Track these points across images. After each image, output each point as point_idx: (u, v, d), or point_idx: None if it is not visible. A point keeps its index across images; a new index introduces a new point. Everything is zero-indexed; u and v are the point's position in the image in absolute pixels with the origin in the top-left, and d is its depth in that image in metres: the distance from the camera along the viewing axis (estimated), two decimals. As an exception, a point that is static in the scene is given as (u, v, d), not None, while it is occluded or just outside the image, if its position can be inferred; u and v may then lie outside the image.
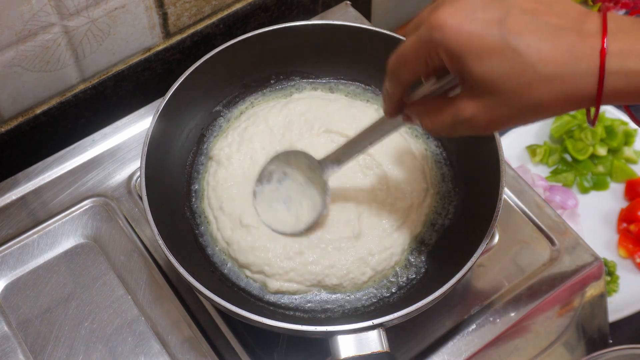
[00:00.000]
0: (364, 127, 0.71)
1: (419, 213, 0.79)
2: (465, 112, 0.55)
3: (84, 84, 0.96)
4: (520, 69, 0.51)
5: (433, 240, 0.79)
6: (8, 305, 0.80)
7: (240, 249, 0.76)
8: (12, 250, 0.83)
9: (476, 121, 0.55)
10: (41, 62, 0.88)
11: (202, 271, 0.75)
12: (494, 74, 0.51)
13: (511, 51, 0.50)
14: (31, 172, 0.89)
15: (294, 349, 0.77)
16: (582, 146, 1.19)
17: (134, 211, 0.86)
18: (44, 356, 0.77)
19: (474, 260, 0.68)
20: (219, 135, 0.85)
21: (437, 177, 0.82)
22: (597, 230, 1.13)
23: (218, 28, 1.03)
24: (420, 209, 0.79)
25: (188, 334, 0.78)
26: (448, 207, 0.80)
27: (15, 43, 0.83)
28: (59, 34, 0.86)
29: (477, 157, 0.78)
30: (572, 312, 0.86)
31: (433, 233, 0.79)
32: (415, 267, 0.77)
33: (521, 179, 0.90)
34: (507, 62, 0.51)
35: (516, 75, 0.51)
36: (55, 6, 0.83)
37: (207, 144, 0.85)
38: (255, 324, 0.66)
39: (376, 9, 1.26)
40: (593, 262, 0.84)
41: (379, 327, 0.66)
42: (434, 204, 0.81)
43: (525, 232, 0.86)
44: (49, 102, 0.94)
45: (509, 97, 0.52)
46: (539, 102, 0.52)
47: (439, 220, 0.80)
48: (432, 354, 0.78)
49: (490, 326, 0.80)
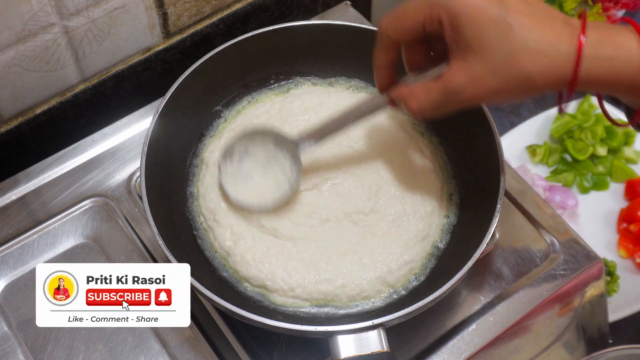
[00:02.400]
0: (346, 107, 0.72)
1: (440, 216, 0.78)
2: (454, 83, 0.59)
3: (84, 84, 0.96)
4: (511, 41, 0.57)
5: (444, 244, 0.78)
6: (8, 305, 0.80)
7: (242, 261, 0.75)
8: (12, 250, 0.83)
9: (465, 91, 0.59)
10: (41, 62, 0.88)
11: (202, 271, 0.75)
12: (489, 41, 0.57)
13: (506, 25, 0.56)
14: (31, 172, 0.89)
15: (294, 349, 0.77)
16: (582, 146, 1.19)
17: (134, 211, 0.86)
18: (44, 356, 0.77)
19: (473, 260, 0.68)
20: (215, 135, 0.85)
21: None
22: (597, 230, 1.13)
23: (218, 28, 1.02)
24: (440, 211, 0.78)
25: (188, 334, 0.78)
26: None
27: (15, 43, 0.83)
28: (59, 34, 0.86)
29: (477, 157, 0.78)
30: (572, 312, 0.86)
31: (446, 236, 0.78)
32: (423, 271, 0.77)
33: (521, 179, 0.90)
34: (502, 33, 0.57)
35: (507, 45, 0.57)
36: (55, 6, 0.83)
37: (203, 145, 0.84)
38: (255, 324, 0.66)
39: (376, 9, 1.26)
40: (593, 262, 0.84)
41: (379, 327, 0.66)
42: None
43: (525, 232, 0.86)
44: (49, 102, 0.94)
45: (498, 65, 0.57)
46: (525, 73, 0.57)
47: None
48: (432, 354, 0.78)
49: (490, 326, 0.80)
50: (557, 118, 1.22)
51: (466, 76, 0.59)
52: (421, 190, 0.79)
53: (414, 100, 0.63)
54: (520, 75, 0.57)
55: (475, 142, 0.78)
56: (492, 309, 0.81)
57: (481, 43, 0.57)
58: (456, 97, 0.60)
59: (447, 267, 0.74)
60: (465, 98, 0.60)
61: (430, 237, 0.77)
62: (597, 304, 0.88)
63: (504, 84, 0.58)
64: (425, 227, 0.77)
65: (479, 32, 0.57)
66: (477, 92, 0.59)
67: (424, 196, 0.78)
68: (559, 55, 0.56)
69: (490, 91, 0.59)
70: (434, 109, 0.62)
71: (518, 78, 0.57)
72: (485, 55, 0.57)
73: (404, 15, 0.62)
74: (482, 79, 0.58)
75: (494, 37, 0.57)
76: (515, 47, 0.56)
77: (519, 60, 0.56)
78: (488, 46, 0.57)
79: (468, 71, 0.59)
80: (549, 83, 0.57)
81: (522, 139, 1.22)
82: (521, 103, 1.26)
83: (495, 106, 1.24)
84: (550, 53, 0.56)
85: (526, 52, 0.56)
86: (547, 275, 0.83)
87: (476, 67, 0.58)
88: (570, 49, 0.56)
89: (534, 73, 0.57)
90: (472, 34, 0.57)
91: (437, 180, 0.80)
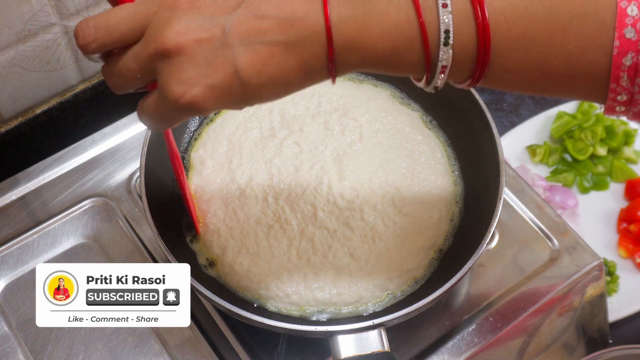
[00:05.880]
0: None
1: (446, 222, 0.77)
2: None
3: (84, 84, 0.96)
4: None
5: (446, 247, 0.77)
6: (8, 305, 0.80)
7: (232, 272, 0.73)
8: (12, 250, 0.83)
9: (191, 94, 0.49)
10: (41, 62, 0.88)
11: (202, 271, 0.75)
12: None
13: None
14: (31, 172, 0.89)
15: (294, 349, 0.77)
16: (582, 146, 1.19)
17: (134, 211, 0.86)
18: (44, 356, 0.77)
19: (473, 260, 0.68)
20: (198, 137, 0.83)
21: None
22: (597, 230, 1.13)
23: (218, 28, 1.02)
24: (447, 216, 0.78)
25: (188, 334, 0.78)
26: (448, 207, 0.80)
27: (15, 43, 0.83)
28: (59, 34, 0.86)
29: (476, 157, 0.78)
30: (572, 312, 0.86)
31: (449, 239, 0.77)
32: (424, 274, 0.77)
33: (521, 179, 0.90)
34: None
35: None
36: (55, 6, 0.83)
37: (190, 145, 0.83)
38: (255, 324, 0.66)
39: (376, 9, 1.26)
40: (593, 262, 0.84)
41: (379, 327, 0.66)
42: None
43: (525, 232, 0.86)
44: (49, 102, 0.94)
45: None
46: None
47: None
48: (432, 354, 0.78)
49: (490, 326, 0.80)
50: (557, 118, 1.21)
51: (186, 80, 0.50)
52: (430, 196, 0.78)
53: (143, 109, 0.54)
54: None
55: (475, 142, 0.78)
56: (492, 308, 0.80)
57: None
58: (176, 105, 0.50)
59: (447, 267, 0.74)
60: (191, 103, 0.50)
61: (436, 244, 0.76)
62: (597, 304, 0.88)
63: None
64: (432, 235, 0.76)
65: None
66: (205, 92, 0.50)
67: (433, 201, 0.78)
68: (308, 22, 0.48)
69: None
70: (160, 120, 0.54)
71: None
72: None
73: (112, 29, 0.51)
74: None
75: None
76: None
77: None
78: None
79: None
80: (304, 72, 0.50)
81: (522, 139, 1.22)
82: (521, 103, 1.26)
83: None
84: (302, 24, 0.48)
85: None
86: (547, 275, 0.83)
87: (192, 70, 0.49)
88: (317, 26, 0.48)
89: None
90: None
91: (448, 184, 0.79)
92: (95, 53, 0.52)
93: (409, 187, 0.77)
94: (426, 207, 0.77)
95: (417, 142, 0.81)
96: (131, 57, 0.51)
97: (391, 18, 0.48)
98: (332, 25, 0.48)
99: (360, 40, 0.49)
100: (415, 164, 0.79)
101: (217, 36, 0.48)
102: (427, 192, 0.78)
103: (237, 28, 0.48)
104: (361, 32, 0.48)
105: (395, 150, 0.80)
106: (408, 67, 0.50)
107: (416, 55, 0.49)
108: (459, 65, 0.49)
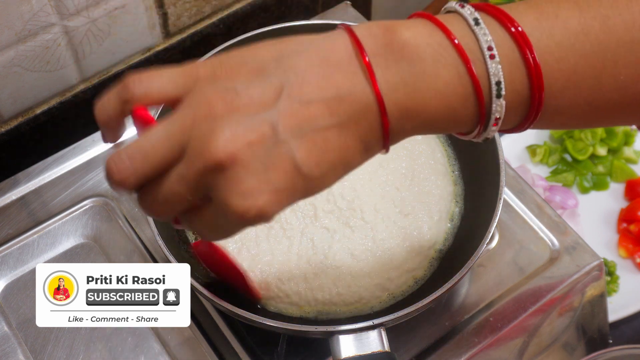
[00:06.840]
0: None
1: (446, 221, 0.77)
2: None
3: (84, 84, 0.96)
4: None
5: (446, 247, 0.77)
6: (8, 305, 0.80)
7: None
8: (12, 250, 0.83)
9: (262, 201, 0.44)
10: (41, 62, 0.88)
11: (202, 271, 0.75)
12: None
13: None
14: (31, 172, 0.89)
15: (294, 349, 0.77)
16: (582, 146, 1.19)
17: (134, 211, 0.86)
18: (44, 356, 0.77)
19: (473, 260, 0.68)
20: None
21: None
22: (597, 230, 1.13)
23: (218, 28, 1.02)
24: (447, 216, 0.77)
25: (188, 334, 0.78)
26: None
27: (15, 43, 0.83)
28: (59, 34, 0.86)
29: (476, 157, 0.78)
30: (572, 312, 0.86)
31: (449, 239, 0.77)
32: (424, 275, 0.76)
33: (521, 179, 0.90)
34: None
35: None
36: (55, 6, 0.83)
37: None
38: (255, 324, 0.66)
39: (376, 9, 1.26)
40: (593, 262, 0.84)
41: (379, 327, 0.65)
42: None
43: (525, 232, 0.86)
44: (49, 102, 0.94)
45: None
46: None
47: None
48: (432, 354, 0.78)
49: (490, 326, 0.80)
50: (557, 118, 1.22)
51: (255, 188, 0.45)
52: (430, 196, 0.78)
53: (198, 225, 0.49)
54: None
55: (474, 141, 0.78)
56: (492, 308, 0.80)
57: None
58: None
59: (447, 267, 0.74)
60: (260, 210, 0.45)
61: (436, 244, 0.77)
62: (597, 304, 0.88)
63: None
64: (432, 235, 0.76)
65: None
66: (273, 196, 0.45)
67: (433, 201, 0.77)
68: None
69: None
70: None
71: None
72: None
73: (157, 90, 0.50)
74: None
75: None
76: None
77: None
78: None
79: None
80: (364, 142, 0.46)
81: (522, 139, 1.22)
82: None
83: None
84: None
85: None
86: (547, 275, 0.83)
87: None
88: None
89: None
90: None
91: (448, 184, 0.79)
92: (136, 187, 0.46)
93: (408, 187, 0.77)
94: (426, 207, 0.77)
95: (416, 141, 0.81)
96: (176, 180, 0.45)
97: (442, 77, 0.45)
98: (382, 95, 0.45)
99: (413, 106, 0.46)
100: (415, 163, 0.79)
101: (267, 135, 0.43)
102: (427, 192, 0.78)
103: (285, 121, 0.43)
104: (413, 97, 0.45)
105: (395, 150, 0.79)
106: (462, 124, 0.48)
107: (471, 111, 0.47)
108: (511, 113, 0.47)
